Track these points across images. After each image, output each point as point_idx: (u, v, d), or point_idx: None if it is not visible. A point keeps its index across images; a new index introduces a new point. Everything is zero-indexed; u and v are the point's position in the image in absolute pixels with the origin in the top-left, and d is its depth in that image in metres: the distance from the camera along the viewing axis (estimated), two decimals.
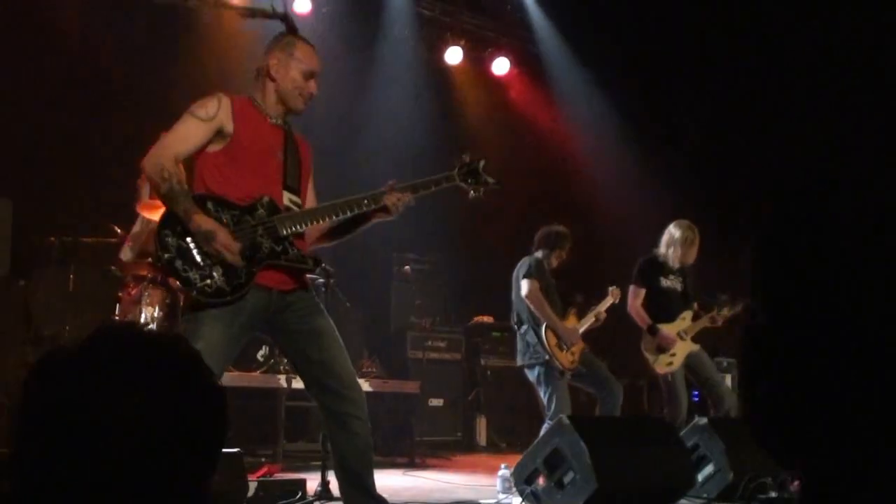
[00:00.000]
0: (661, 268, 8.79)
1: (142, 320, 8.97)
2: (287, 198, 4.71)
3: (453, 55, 13.28)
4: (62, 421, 1.37)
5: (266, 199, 4.56)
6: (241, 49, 10.46)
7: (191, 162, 4.59)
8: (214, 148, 4.56)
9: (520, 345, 8.56)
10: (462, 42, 13.27)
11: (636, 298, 8.74)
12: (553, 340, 8.23)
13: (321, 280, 7.04)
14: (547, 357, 8.18)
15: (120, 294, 9.17)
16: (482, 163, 4.98)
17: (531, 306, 8.24)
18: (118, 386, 1.39)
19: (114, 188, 9.45)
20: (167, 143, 4.51)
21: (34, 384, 1.43)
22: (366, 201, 4.77)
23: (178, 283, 4.40)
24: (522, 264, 8.46)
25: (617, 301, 8.82)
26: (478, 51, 13.61)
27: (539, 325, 8.26)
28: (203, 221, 4.32)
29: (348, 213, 4.78)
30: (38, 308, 9.30)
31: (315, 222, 4.73)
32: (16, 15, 9.79)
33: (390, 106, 12.46)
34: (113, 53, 10.30)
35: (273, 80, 4.75)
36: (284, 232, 4.55)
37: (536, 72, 13.87)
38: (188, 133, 4.54)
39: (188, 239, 4.35)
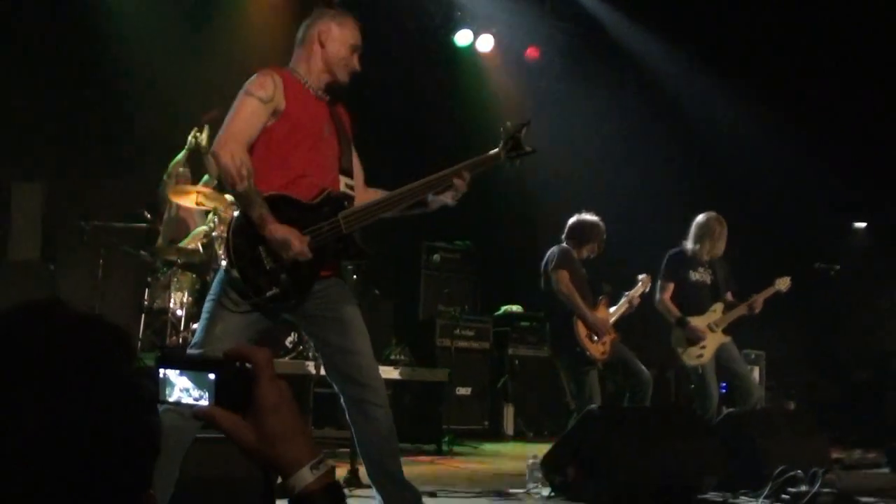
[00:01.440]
0: (689, 261, 8.73)
1: (170, 305, 8.99)
2: (343, 182, 4.67)
3: (485, 42, 13.24)
4: None
5: (330, 193, 4.50)
6: (267, 36, 10.48)
7: None
8: (268, 124, 4.48)
9: (550, 335, 8.52)
10: (493, 30, 13.21)
11: (664, 293, 8.69)
12: (584, 331, 8.18)
13: (351, 267, 7.02)
14: (578, 349, 8.13)
15: (149, 279, 9.19)
16: (524, 131, 4.79)
17: (562, 297, 8.19)
18: (12, 394, 1.20)
19: (144, 174, 9.48)
20: (236, 129, 4.38)
21: None
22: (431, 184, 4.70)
23: (248, 289, 4.33)
24: (551, 254, 8.41)
25: (647, 289, 8.73)
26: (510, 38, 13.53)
27: (570, 316, 8.21)
28: (278, 229, 4.25)
29: (409, 202, 4.71)
30: (68, 292, 9.33)
31: (378, 216, 4.64)
32: (48, 4, 9.82)
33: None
34: (144, 40, 10.31)
35: (322, 46, 4.66)
36: (348, 230, 4.50)
37: (574, 57, 13.78)
38: (253, 118, 4.42)
39: (260, 248, 4.31)
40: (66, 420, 1.20)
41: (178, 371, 1.51)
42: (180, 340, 8.88)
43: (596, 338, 8.20)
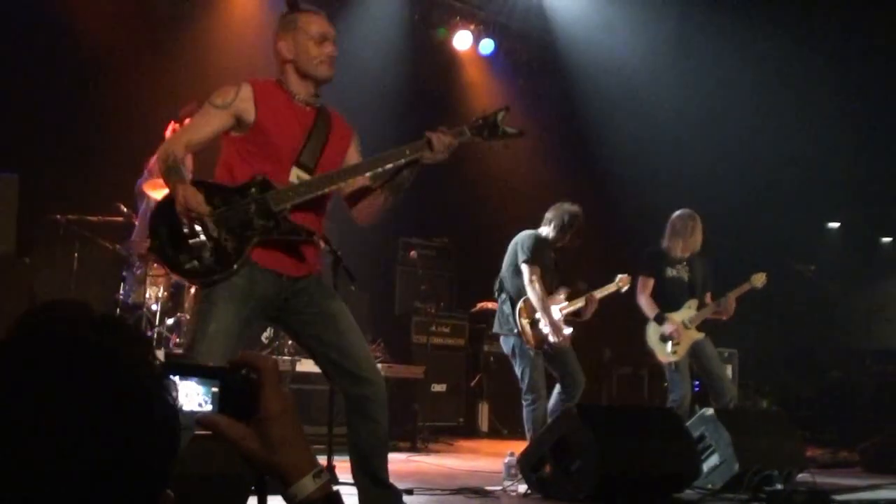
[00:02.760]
0: (665, 258, 8.75)
1: (146, 299, 8.96)
2: (295, 174, 4.59)
3: (462, 40, 13.24)
4: None
5: (259, 177, 4.46)
6: (249, 37, 10.46)
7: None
8: (238, 133, 4.51)
9: (498, 313, 8.43)
10: (472, 27, 13.21)
11: (644, 289, 8.70)
12: (526, 317, 8.14)
13: (329, 260, 6.97)
14: (517, 330, 8.09)
15: (124, 273, 9.16)
16: (500, 114, 4.73)
17: (531, 297, 8.10)
18: (37, 395, 1.19)
19: (120, 166, 9.42)
20: (181, 131, 4.56)
21: None
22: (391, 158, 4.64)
23: (166, 266, 4.41)
24: (524, 240, 8.26)
25: (624, 289, 8.66)
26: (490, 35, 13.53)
27: (517, 298, 8.17)
28: (181, 188, 4.23)
29: (350, 179, 4.70)
30: (43, 286, 9.27)
31: (312, 193, 4.56)
32: None
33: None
34: (119, 32, 10.26)
35: (288, 61, 4.67)
36: (276, 207, 4.44)
37: (553, 57, 13.80)
38: (201, 121, 4.53)
39: (178, 225, 4.27)
40: (90, 421, 1.19)
41: (182, 377, 1.51)
42: (155, 335, 8.85)
43: (541, 325, 8.11)
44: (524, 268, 8.09)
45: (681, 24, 12.35)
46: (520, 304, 8.08)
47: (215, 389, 1.53)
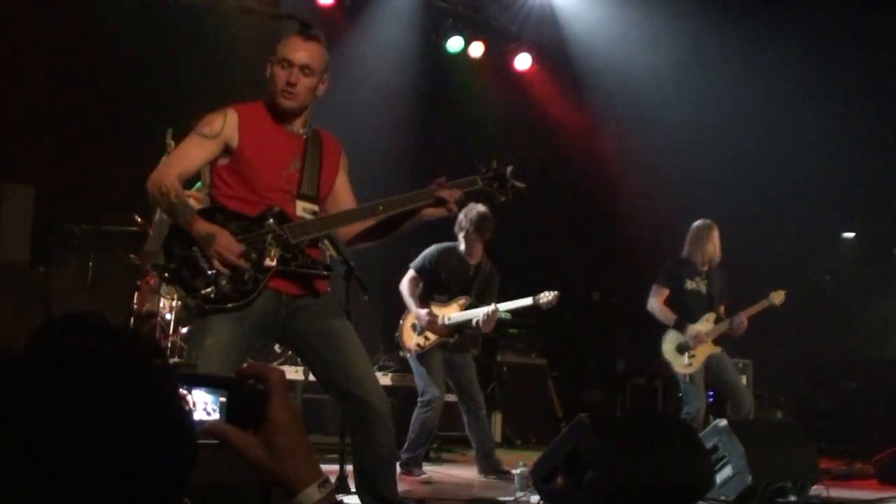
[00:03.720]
0: (686, 269, 8.73)
1: (160, 309, 8.98)
2: (301, 207, 4.59)
3: (475, 49, 13.24)
4: None
5: (276, 208, 4.46)
6: (265, 49, 10.48)
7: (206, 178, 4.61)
8: (224, 161, 4.49)
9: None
10: (484, 36, 13.21)
11: (657, 297, 8.69)
12: (409, 320, 8.29)
13: (343, 270, 6.98)
14: (396, 334, 8.36)
15: (138, 283, 9.18)
16: (510, 169, 4.82)
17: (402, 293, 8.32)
18: (59, 406, 1.20)
19: (135, 176, 9.43)
20: (169, 162, 4.52)
21: None
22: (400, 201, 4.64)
23: (182, 290, 4.37)
24: (429, 250, 8.53)
25: (550, 305, 8.35)
26: (500, 45, 13.53)
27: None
28: (204, 226, 4.25)
29: (368, 217, 4.70)
30: (58, 295, 9.31)
31: (327, 230, 4.66)
32: (38, 5, 9.80)
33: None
34: (136, 45, 10.30)
35: (269, 85, 4.61)
36: (295, 240, 4.45)
37: (561, 67, 13.79)
38: (189, 151, 4.49)
39: (194, 249, 4.29)
40: (111, 431, 1.21)
41: (191, 387, 1.53)
42: (169, 344, 8.87)
43: (420, 330, 8.19)
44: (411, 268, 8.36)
45: (694, 34, 12.32)
46: (406, 314, 8.41)
47: (223, 399, 1.55)
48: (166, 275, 4.39)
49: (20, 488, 1.18)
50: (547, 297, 8.10)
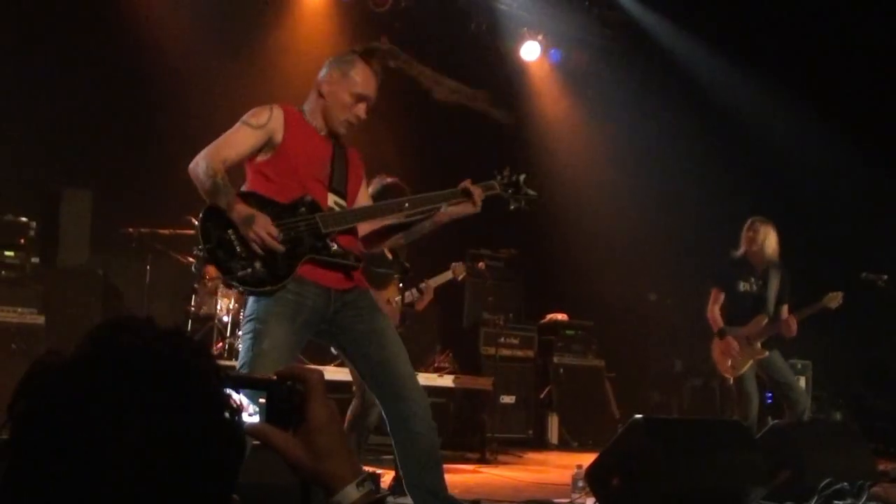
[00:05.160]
0: (740, 269, 8.63)
1: (217, 311, 9.07)
2: (332, 199, 4.73)
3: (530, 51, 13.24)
4: (48, 449, 1.21)
5: (308, 197, 4.57)
6: (312, 53, 10.53)
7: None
8: (264, 157, 4.62)
9: None
10: (540, 37, 13.20)
11: (714, 303, 8.62)
12: None
13: (398, 275, 7.01)
14: None
15: (196, 285, 9.27)
16: (523, 176, 5.09)
17: None
18: (115, 406, 1.23)
19: (190, 180, 9.53)
20: (216, 146, 4.57)
21: (21, 404, 1.26)
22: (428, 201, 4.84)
23: (219, 271, 4.50)
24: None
25: (458, 278, 8.55)
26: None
27: None
28: (244, 209, 4.37)
29: (395, 212, 4.88)
30: (115, 298, 9.43)
31: (359, 221, 4.80)
32: (96, 11, 9.92)
33: None
34: (189, 44, 10.39)
35: (322, 97, 4.76)
36: (326, 229, 4.55)
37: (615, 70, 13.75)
38: (238, 139, 4.59)
39: (230, 231, 4.39)
40: (164, 430, 1.25)
41: (233, 389, 1.55)
42: (226, 346, 8.96)
43: None
44: None
45: None
46: None
47: (263, 400, 1.58)
48: (202, 254, 4.50)
49: (78, 486, 1.21)
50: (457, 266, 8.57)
